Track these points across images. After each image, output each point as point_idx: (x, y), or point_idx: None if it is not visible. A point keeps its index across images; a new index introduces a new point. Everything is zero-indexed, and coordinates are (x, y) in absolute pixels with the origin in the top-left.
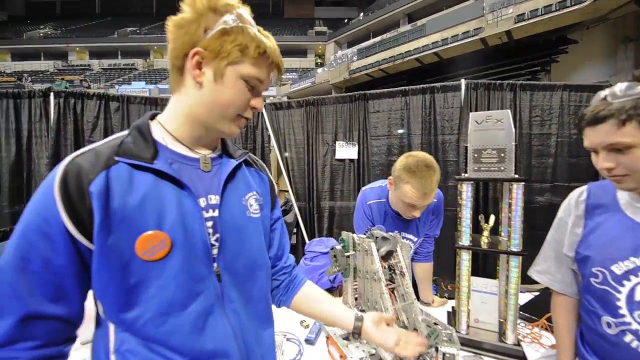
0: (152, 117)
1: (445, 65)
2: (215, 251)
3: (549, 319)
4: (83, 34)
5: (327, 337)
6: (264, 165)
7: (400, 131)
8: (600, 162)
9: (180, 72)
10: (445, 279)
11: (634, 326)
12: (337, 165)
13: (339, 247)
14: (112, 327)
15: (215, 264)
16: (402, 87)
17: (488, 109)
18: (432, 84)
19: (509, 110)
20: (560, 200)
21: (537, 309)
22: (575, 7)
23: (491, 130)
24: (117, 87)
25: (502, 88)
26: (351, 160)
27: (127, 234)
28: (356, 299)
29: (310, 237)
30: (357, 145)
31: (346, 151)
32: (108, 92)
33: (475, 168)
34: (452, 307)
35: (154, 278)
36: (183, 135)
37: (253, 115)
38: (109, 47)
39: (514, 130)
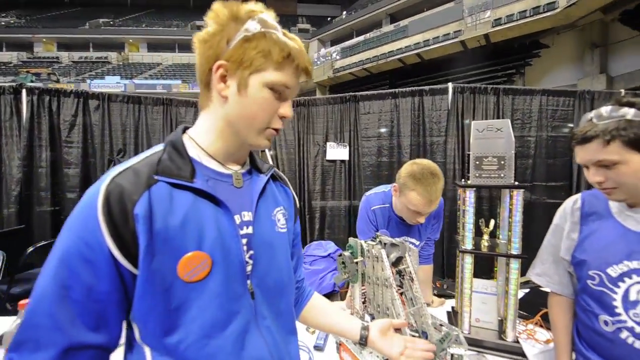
0: (184, 131)
1: (427, 66)
2: (249, 268)
3: (543, 316)
4: (50, 24)
5: (339, 344)
6: (286, 179)
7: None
8: (591, 176)
9: (208, 87)
10: (432, 276)
11: (630, 324)
12: (328, 166)
13: (347, 253)
14: (148, 352)
15: (248, 282)
16: (392, 90)
17: (473, 112)
18: (420, 87)
19: (508, 120)
20: (537, 199)
21: (529, 306)
22: (548, 13)
23: (491, 139)
24: (89, 81)
25: (486, 92)
26: (342, 161)
27: (169, 256)
28: (364, 303)
29: (302, 238)
30: (348, 146)
31: (337, 152)
32: (87, 90)
33: (477, 175)
34: (452, 307)
35: (195, 299)
36: (215, 151)
37: None
38: (80, 39)
39: (513, 139)
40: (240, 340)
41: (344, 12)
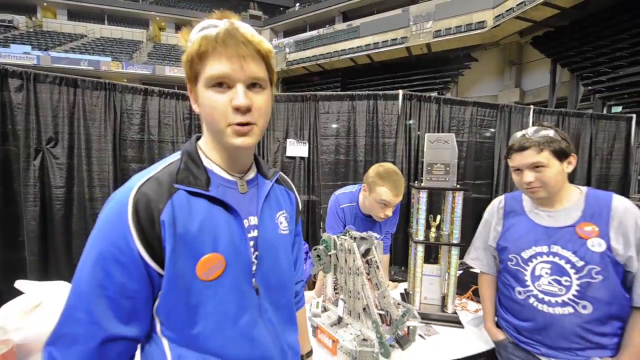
0: (197, 139)
1: (377, 68)
2: (254, 267)
3: (473, 292)
4: None
5: (316, 327)
6: (290, 183)
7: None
8: (525, 177)
9: None
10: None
11: (535, 292)
12: (287, 163)
13: (321, 247)
14: (165, 343)
15: (253, 279)
16: (350, 92)
17: (419, 117)
18: (375, 92)
19: (453, 135)
20: (467, 195)
21: (461, 285)
22: (478, 31)
23: (440, 149)
24: None
25: (430, 100)
26: (302, 158)
27: (189, 258)
28: (335, 290)
29: None
30: (307, 144)
31: (297, 149)
32: (6, 66)
33: (428, 178)
34: (405, 289)
35: (211, 296)
36: (218, 160)
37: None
38: None
39: (457, 150)
40: (249, 332)
41: (297, 4)
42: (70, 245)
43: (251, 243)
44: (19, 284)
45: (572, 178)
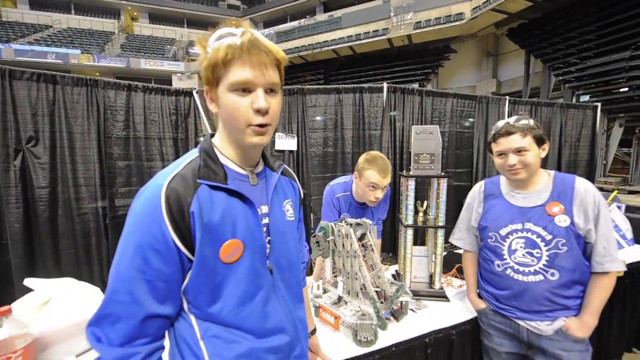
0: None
1: (359, 59)
2: (267, 251)
3: (457, 269)
4: None
5: (319, 307)
6: (294, 174)
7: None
8: (509, 160)
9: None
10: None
11: (511, 264)
12: (277, 156)
13: (320, 234)
14: (193, 319)
15: (268, 261)
16: (336, 86)
17: (403, 109)
18: (360, 85)
19: (437, 126)
20: (450, 182)
21: (446, 264)
22: (457, 22)
23: (426, 140)
24: None
25: (413, 92)
26: (290, 152)
27: (214, 244)
28: (334, 273)
29: None
30: (295, 137)
31: (286, 142)
32: None
33: (416, 167)
34: (396, 271)
35: (232, 276)
36: (232, 156)
37: (183, 103)
38: None
39: (441, 141)
40: (265, 307)
41: None
42: (57, 246)
43: (264, 229)
44: (28, 281)
45: (544, 164)
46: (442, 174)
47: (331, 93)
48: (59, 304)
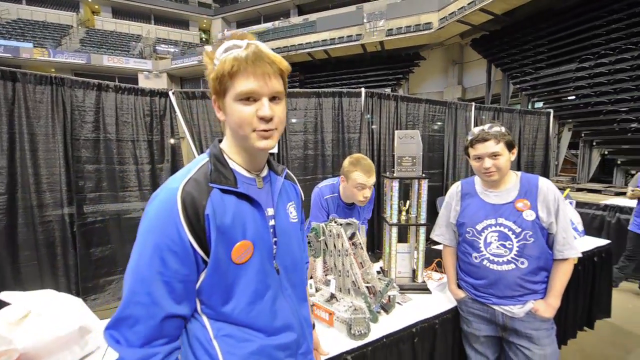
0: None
1: (334, 63)
2: (274, 251)
3: (436, 264)
4: None
5: (312, 305)
6: (294, 178)
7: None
8: (485, 164)
9: None
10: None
11: (487, 255)
12: None
13: (312, 234)
14: (206, 319)
15: (274, 262)
16: (316, 90)
17: (380, 113)
18: (339, 89)
19: (418, 131)
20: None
21: (425, 259)
22: (425, 32)
23: (408, 144)
24: None
25: (389, 98)
26: (272, 154)
27: (225, 245)
28: (325, 272)
29: None
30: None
31: None
32: None
33: (399, 170)
34: (381, 267)
35: (243, 276)
36: (240, 161)
37: (159, 104)
38: None
39: (421, 144)
40: (273, 305)
41: None
42: (17, 258)
43: (271, 230)
44: (4, 295)
45: None
46: (423, 175)
47: (311, 97)
48: (41, 317)
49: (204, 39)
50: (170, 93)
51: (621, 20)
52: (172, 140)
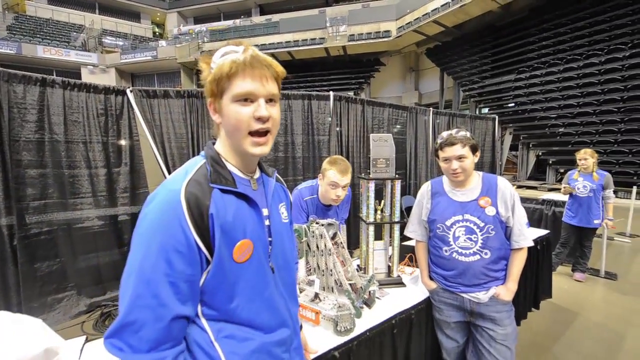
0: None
1: (298, 65)
2: (269, 251)
3: (409, 259)
4: None
5: (299, 306)
6: (282, 180)
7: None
8: (453, 165)
9: None
10: None
11: (456, 248)
12: None
13: (294, 236)
14: (205, 322)
15: (269, 261)
16: (286, 92)
17: (348, 117)
18: (309, 92)
19: (391, 135)
20: (402, 183)
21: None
22: (384, 39)
23: (382, 147)
24: None
25: (356, 102)
26: None
27: (228, 244)
28: (307, 272)
29: None
30: None
31: None
32: None
33: (374, 171)
34: (358, 265)
35: (243, 274)
36: (235, 163)
37: (115, 102)
38: None
39: (394, 147)
40: (272, 302)
41: None
42: None
43: (266, 230)
44: None
45: None
46: (396, 176)
47: (281, 99)
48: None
49: (157, 33)
50: (127, 91)
51: (549, 38)
52: (129, 142)
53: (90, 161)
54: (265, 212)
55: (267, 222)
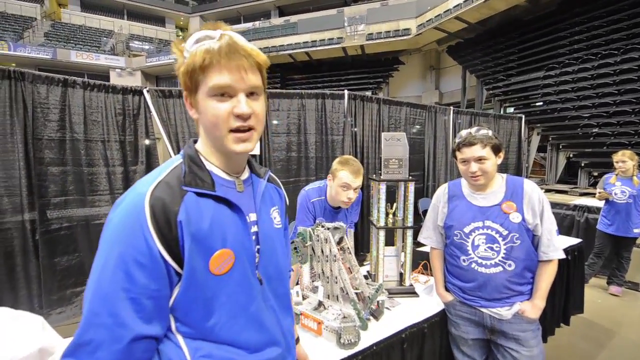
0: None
1: (315, 65)
2: (257, 260)
3: (423, 267)
4: None
5: (300, 314)
6: (278, 180)
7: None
8: (472, 168)
9: None
10: None
11: (475, 258)
12: None
13: (298, 239)
14: (181, 339)
15: (257, 271)
16: (299, 90)
17: (362, 116)
18: (322, 91)
19: (404, 134)
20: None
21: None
22: (404, 37)
23: (394, 146)
24: None
25: (371, 100)
26: (253, 156)
27: (202, 255)
28: (312, 279)
29: None
30: (259, 141)
31: None
32: None
33: (386, 172)
34: (367, 271)
35: (223, 288)
36: (217, 162)
37: (132, 102)
38: None
39: (408, 147)
40: (258, 318)
41: None
42: None
43: (253, 237)
44: None
45: None
46: (410, 178)
47: (294, 98)
48: None
49: (180, 37)
50: (144, 91)
51: (582, 32)
52: (147, 141)
53: (107, 159)
54: (252, 217)
55: (254, 229)
